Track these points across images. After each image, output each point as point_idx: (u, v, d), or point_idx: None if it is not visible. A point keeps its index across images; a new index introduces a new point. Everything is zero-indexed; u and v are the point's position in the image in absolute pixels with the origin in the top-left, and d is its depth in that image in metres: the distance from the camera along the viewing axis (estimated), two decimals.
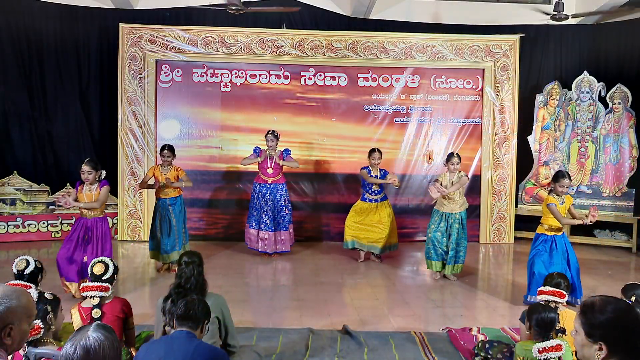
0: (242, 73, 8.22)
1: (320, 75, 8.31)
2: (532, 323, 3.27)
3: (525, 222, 8.65)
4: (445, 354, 4.14)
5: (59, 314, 3.09)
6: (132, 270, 6.64)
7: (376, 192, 7.03)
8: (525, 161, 8.60)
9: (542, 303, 3.42)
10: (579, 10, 8.52)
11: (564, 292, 3.69)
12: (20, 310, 1.91)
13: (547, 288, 3.74)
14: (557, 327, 3.55)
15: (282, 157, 7.08)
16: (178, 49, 8.05)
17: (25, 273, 3.79)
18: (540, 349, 3.11)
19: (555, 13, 7.88)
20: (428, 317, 5.09)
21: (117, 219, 8.14)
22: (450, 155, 6.26)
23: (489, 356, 3.78)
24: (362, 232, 7.03)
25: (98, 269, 3.61)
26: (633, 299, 3.29)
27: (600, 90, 8.24)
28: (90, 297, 3.52)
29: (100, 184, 5.44)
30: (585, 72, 8.34)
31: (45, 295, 3.06)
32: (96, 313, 3.48)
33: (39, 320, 2.85)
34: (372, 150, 6.99)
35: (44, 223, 8.03)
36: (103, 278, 3.59)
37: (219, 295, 3.50)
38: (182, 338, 2.64)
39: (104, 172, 5.52)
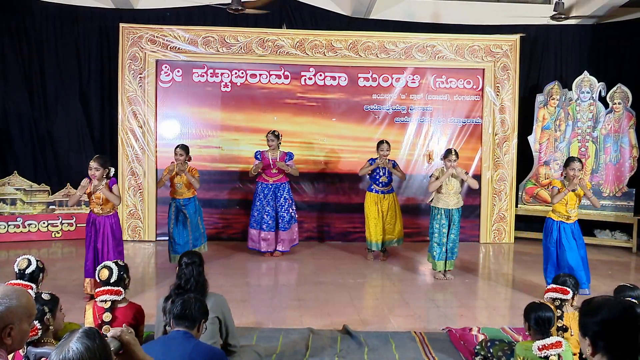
0: (242, 73, 8.21)
1: (321, 75, 8.30)
2: (531, 322, 3.27)
3: (526, 222, 8.66)
4: (445, 354, 4.14)
5: (58, 314, 3.07)
6: (133, 270, 6.48)
7: (383, 183, 7.04)
8: (525, 161, 8.59)
9: (539, 302, 3.43)
10: (579, 10, 8.52)
11: (568, 289, 3.69)
12: (20, 310, 1.91)
13: (552, 285, 3.80)
14: (559, 325, 3.56)
15: (285, 159, 7.12)
16: (178, 48, 8.05)
17: (26, 272, 3.79)
18: (540, 346, 3.12)
19: (555, 13, 7.87)
20: (428, 317, 5.09)
21: None
22: (448, 152, 6.21)
23: (490, 354, 3.79)
24: (386, 233, 7.11)
25: (103, 275, 3.61)
26: None
27: (600, 90, 8.23)
28: (103, 301, 3.52)
29: (109, 182, 5.21)
30: (585, 72, 8.33)
31: (43, 295, 3.04)
32: (107, 317, 3.47)
33: (37, 322, 2.84)
34: (380, 142, 7.04)
35: (44, 223, 8.03)
36: (111, 282, 3.58)
37: (219, 295, 3.50)
38: (179, 338, 2.63)
39: (112, 170, 5.29)
